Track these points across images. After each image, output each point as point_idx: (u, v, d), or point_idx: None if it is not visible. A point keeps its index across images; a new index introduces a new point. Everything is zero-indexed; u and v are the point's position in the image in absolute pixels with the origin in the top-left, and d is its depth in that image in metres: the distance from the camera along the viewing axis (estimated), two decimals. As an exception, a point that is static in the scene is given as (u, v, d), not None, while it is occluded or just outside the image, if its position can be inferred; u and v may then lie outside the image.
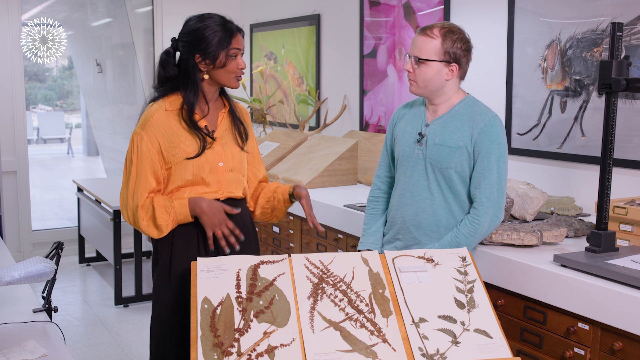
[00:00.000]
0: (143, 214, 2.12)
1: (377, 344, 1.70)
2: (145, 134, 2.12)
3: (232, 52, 2.14)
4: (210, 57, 2.13)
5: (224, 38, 2.13)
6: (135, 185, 2.12)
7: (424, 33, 2.22)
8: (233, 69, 2.16)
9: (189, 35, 2.15)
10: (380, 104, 4.31)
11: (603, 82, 2.19)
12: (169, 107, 2.16)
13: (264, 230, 4.07)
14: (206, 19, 2.15)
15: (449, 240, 2.23)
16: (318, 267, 1.88)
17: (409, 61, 2.25)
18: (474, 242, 2.24)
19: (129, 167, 2.15)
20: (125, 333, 4.13)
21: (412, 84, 2.27)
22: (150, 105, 2.19)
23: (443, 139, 2.23)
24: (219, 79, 2.18)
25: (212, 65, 2.15)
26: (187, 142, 2.14)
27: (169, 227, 2.13)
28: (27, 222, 5.62)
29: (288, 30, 5.28)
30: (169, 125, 2.14)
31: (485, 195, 2.19)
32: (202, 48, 2.13)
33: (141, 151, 2.12)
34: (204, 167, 2.15)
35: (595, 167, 2.88)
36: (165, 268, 2.19)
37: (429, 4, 3.83)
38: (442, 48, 2.19)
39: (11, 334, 1.86)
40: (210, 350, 1.63)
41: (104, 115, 7.05)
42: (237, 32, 2.18)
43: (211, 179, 2.16)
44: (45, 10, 6.98)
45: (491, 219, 2.21)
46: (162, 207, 2.10)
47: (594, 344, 2.08)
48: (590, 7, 2.91)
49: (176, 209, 2.11)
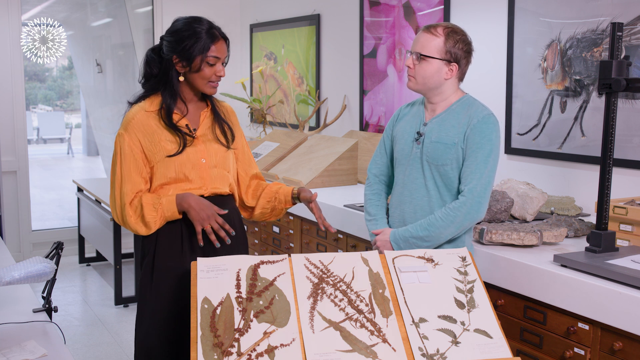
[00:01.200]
0: (131, 211, 2.14)
1: (377, 344, 1.70)
2: (127, 135, 2.15)
3: (210, 60, 2.13)
4: (186, 60, 2.14)
5: (204, 43, 2.12)
6: (122, 185, 2.15)
7: (428, 30, 2.24)
8: (208, 75, 2.15)
9: (171, 35, 2.16)
10: (380, 104, 4.31)
11: (603, 82, 2.19)
12: (149, 108, 2.18)
13: (264, 230, 4.07)
14: (192, 22, 2.15)
15: (421, 222, 2.22)
16: (318, 267, 1.88)
17: (410, 57, 2.27)
18: (445, 231, 2.19)
19: (114, 168, 2.18)
20: (125, 333, 4.13)
21: (411, 79, 2.29)
22: (131, 107, 2.22)
23: (439, 136, 2.24)
24: (193, 83, 2.19)
25: (188, 68, 2.15)
26: (167, 141, 2.16)
27: (157, 224, 2.14)
28: (27, 222, 5.63)
29: (288, 30, 5.28)
30: (149, 125, 2.16)
31: (468, 188, 2.18)
32: (179, 50, 2.13)
33: (124, 151, 2.15)
34: (186, 164, 2.16)
35: (595, 167, 2.88)
36: (148, 265, 2.20)
37: (429, 4, 3.83)
38: (444, 47, 2.21)
39: (11, 334, 1.86)
40: (210, 350, 1.63)
41: (104, 115, 7.05)
42: (221, 39, 2.16)
43: (194, 176, 2.18)
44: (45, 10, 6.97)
45: (468, 212, 2.17)
46: (150, 204, 2.12)
47: (594, 344, 2.08)
48: (590, 7, 2.91)
49: (164, 205, 2.12)
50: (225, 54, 2.19)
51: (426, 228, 2.21)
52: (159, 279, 2.17)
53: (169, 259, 2.16)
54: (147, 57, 2.22)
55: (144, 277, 2.21)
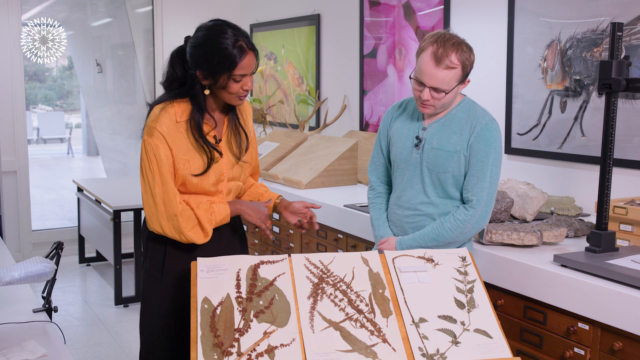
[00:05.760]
0: (184, 221, 2.07)
1: (377, 344, 1.70)
2: (159, 142, 2.05)
3: (237, 77, 2.03)
4: (211, 77, 2.04)
5: (230, 62, 2.00)
6: (165, 194, 2.06)
7: (444, 65, 2.10)
8: (235, 90, 2.06)
9: (195, 49, 2.04)
10: (380, 104, 4.31)
11: (603, 82, 2.19)
12: (180, 117, 2.09)
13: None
14: (216, 36, 2.01)
15: (429, 232, 2.22)
16: (318, 267, 1.88)
17: (426, 90, 2.14)
18: (453, 239, 2.21)
19: (149, 177, 2.06)
20: (125, 333, 4.13)
21: (429, 107, 2.19)
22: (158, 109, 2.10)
23: (440, 143, 2.22)
24: (220, 97, 2.10)
25: (213, 84, 2.06)
26: (194, 160, 2.10)
27: (212, 229, 2.14)
28: (27, 222, 5.62)
29: (288, 30, 5.28)
30: (179, 137, 2.08)
31: (476, 198, 2.18)
32: (205, 67, 2.02)
33: (160, 159, 2.05)
34: (209, 180, 2.14)
35: (595, 167, 2.88)
36: (157, 265, 2.18)
37: (429, 4, 3.83)
38: (462, 73, 2.14)
39: (11, 334, 1.86)
40: (210, 350, 1.63)
41: (104, 115, 7.05)
42: (248, 52, 2.03)
43: (214, 190, 2.17)
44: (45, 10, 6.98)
45: (477, 222, 2.19)
46: (203, 210, 2.10)
47: (594, 344, 2.08)
48: (590, 7, 2.91)
49: (216, 211, 2.13)
50: (254, 67, 2.06)
51: (434, 239, 2.20)
52: (167, 280, 2.17)
53: (180, 260, 2.16)
54: (171, 58, 2.12)
55: (149, 277, 2.20)
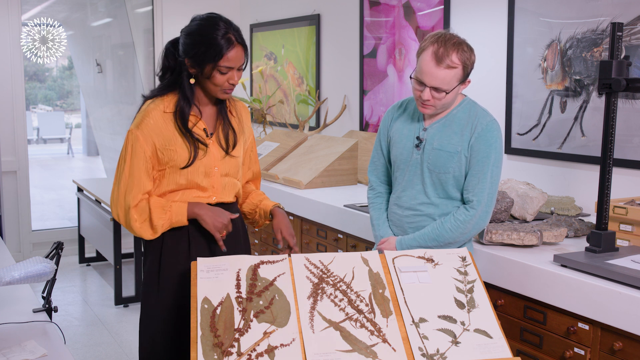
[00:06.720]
0: (136, 215, 2.08)
1: (377, 344, 1.70)
2: (141, 134, 2.07)
3: (222, 69, 2.04)
4: (197, 66, 2.05)
5: (217, 51, 2.01)
6: (128, 185, 2.07)
7: (445, 65, 2.10)
8: (219, 82, 2.06)
9: (186, 37, 2.08)
10: (380, 104, 4.31)
11: (603, 82, 2.19)
12: (167, 108, 2.11)
13: (264, 230, 4.07)
14: (207, 26, 2.04)
15: (429, 232, 2.22)
16: (318, 267, 1.88)
17: (427, 90, 2.14)
18: (453, 240, 2.21)
19: (122, 165, 2.09)
20: (125, 333, 4.13)
21: (429, 107, 2.19)
22: (148, 103, 2.13)
23: (441, 143, 2.21)
24: (205, 88, 2.11)
25: (200, 73, 2.07)
26: (181, 150, 2.09)
27: (163, 227, 2.09)
28: (27, 222, 5.63)
29: (288, 30, 5.28)
30: (166, 128, 2.09)
31: (476, 198, 2.18)
32: (192, 54, 2.04)
33: (136, 151, 2.07)
34: (198, 172, 2.12)
35: (595, 167, 2.88)
36: (154, 266, 2.17)
37: (429, 4, 3.83)
38: (463, 73, 2.14)
39: (11, 334, 1.86)
40: (210, 350, 1.63)
41: (104, 115, 7.05)
42: (237, 46, 2.05)
43: (205, 184, 2.14)
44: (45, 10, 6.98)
45: (477, 223, 2.19)
46: (159, 207, 2.07)
47: (594, 344, 2.08)
48: (590, 7, 2.91)
49: (173, 210, 2.08)
50: (241, 62, 2.07)
51: (435, 239, 2.20)
52: (165, 281, 2.16)
53: (176, 261, 2.14)
54: (165, 49, 2.14)
55: (148, 278, 2.19)
